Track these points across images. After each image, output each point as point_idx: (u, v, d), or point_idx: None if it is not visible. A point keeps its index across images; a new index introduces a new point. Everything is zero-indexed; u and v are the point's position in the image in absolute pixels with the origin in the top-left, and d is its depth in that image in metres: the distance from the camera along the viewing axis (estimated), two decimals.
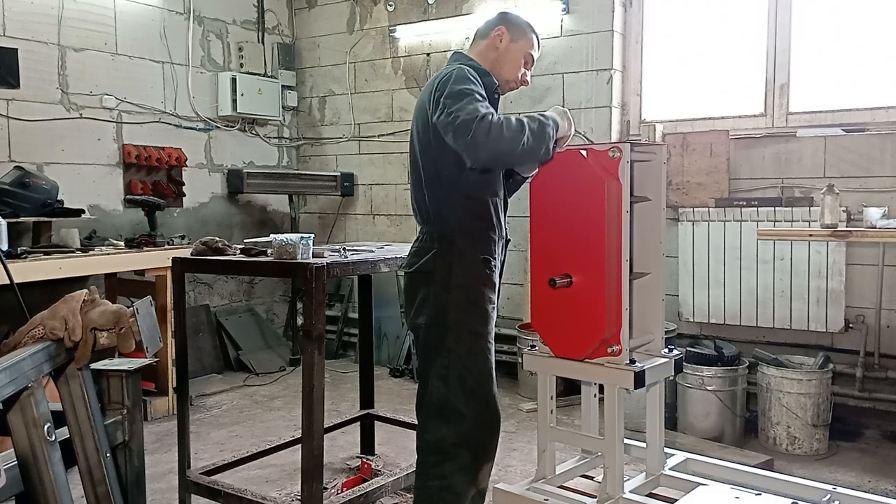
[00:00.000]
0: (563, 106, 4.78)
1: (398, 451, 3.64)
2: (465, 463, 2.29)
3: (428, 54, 5.38)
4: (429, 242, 2.34)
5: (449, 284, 2.28)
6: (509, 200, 2.55)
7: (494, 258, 2.37)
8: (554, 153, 2.23)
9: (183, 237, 4.51)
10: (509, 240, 2.51)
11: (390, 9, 5.52)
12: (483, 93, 2.20)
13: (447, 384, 2.29)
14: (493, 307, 2.37)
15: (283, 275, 4.45)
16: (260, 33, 5.80)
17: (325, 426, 2.86)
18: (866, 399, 3.87)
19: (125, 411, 1.66)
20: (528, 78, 2.50)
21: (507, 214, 2.55)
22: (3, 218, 3.59)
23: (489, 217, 2.35)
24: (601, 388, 2.35)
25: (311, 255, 2.59)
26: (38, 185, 3.98)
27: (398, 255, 2.81)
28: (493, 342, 2.38)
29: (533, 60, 2.48)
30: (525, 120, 2.16)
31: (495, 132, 2.06)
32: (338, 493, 2.95)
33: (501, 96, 2.47)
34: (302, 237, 2.57)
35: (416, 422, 3.48)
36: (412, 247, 2.43)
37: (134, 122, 4.92)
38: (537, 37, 2.49)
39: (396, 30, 5.49)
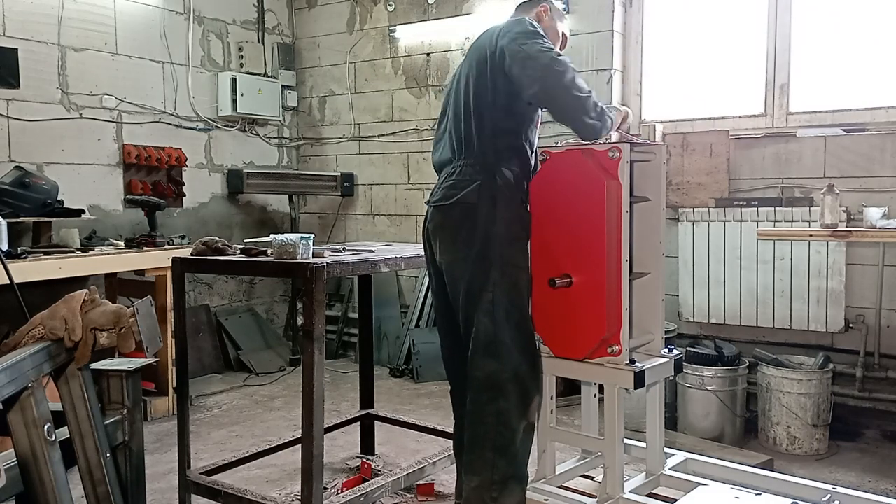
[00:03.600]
0: None
1: (398, 451, 3.64)
2: (517, 397, 2.28)
3: (428, 54, 5.38)
4: (470, 174, 2.31)
5: (494, 217, 2.26)
6: None
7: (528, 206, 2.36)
8: (604, 130, 2.28)
9: (183, 237, 4.51)
10: None
11: (390, 9, 5.52)
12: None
13: (494, 319, 2.26)
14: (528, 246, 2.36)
15: (283, 275, 4.44)
16: (260, 33, 5.80)
17: (325, 426, 2.86)
18: (866, 399, 3.87)
19: (125, 411, 1.67)
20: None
21: None
22: (3, 218, 3.58)
23: (529, 165, 2.36)
24: (601, 388, 2.35)
25: (311, 255, 2.58)
26: (38, 185, 3.98)
27: (398, 255, 2.81)
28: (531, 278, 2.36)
29: (567, 38, 2.60)
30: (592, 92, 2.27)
31: (569, 73, 2.20)
32: (338, 493, 2.94)
33: None
34: (302, 237, 2.57)
35: (416, 421, 3.52)
36: (444, 182, 2.38)
37: (134, 122, 4.92)
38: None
39: (396, 30, 5.49)
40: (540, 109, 2.43)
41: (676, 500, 2.23)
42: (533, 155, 2.42)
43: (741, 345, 4.06)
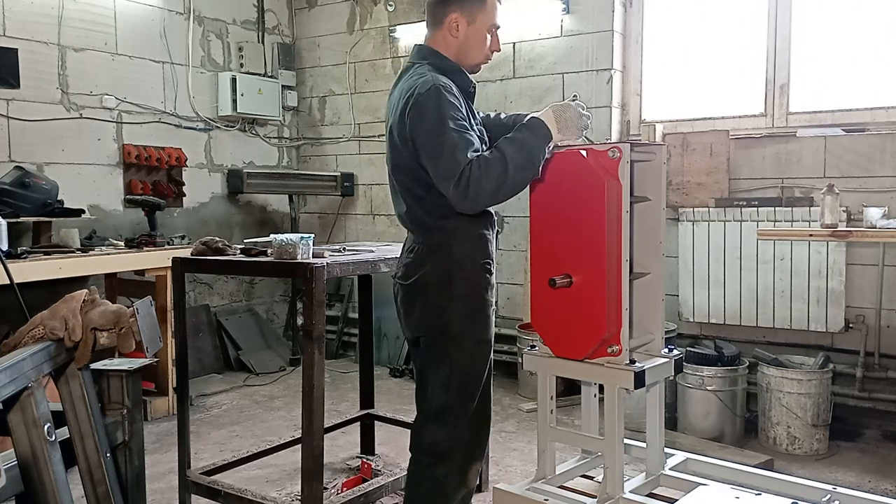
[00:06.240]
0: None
1: (398, 451, 3.64)
2: (457, 465, 2.28)
3: None
4: (425, 253, 2.27)
5: (451, 296, 2.21)
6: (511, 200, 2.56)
7: (493, 259, 2.33)
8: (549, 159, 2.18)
9: (183, 237, 4.51)
10: (499, 231, 2.48)
11: (390, 9, 5.52)
12: (461, 112, 2.12)
13: (448, 392, 2.24)
14: (493, 309, 2.35)
15: (283, 275, 4.44)
16: (260, 33, 5.80)
17: (325, 426, 2.86)
18: (866, 399, 3.87)
19: (125, 411, 1.66)
20: (499, 44, 2.36)
21: (508, 214, 2.57)
22: (3, 218, 3.58)
23: (485, 218, 2.28)
24: (601, 388, 2.34)
25: (311, 255, 2.59)
26: (38, 185, 3.98)
27: (398, 256, 2.81)
28: (493, 343, 2.36)
29: (498, 26, 2.34)
30: (508, 153, 2.07)
31: (474, 186, 2.01)
32: (338, 493, 2.95)
33: (478, 72, 2.40)
34: (302, 237, 2.57)
35: None
36: (405, 256, 2.35)
37: (134, 122, 4.92)
38: None
39: (396, 30, 5.49)
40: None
41: (676, 500, 2.23)
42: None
43: (741, 345, 4.06)
